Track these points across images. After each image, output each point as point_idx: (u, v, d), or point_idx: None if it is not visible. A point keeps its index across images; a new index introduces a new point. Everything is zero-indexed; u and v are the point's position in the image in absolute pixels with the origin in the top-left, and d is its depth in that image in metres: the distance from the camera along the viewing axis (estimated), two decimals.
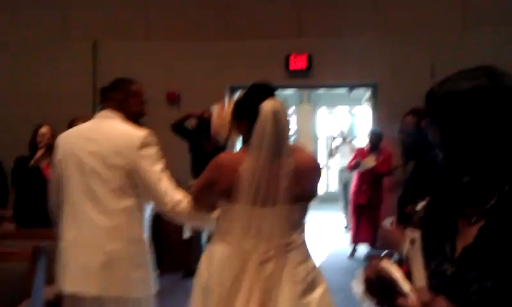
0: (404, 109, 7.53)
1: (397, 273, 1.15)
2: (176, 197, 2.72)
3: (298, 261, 2.41)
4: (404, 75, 7.58)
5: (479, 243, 1.20)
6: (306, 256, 2.47)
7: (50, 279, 3.87)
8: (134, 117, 2.93)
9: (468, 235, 1.23)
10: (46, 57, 8.15)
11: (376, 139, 7.32)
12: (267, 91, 2.45)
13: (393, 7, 7.89)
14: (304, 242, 2.49)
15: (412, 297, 1.10)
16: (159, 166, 2.76)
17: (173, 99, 7.98)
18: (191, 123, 6.54)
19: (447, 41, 7.53)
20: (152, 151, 2.77)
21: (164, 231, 5.54)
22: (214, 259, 2.43)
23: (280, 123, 2.35)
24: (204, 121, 6.31)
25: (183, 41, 8.10)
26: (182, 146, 6.51)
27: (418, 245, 1.17)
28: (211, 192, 2.48)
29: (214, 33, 8.18)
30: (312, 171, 2.48)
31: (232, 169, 2.37)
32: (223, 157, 2.53)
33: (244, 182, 2.33)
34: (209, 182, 2.48)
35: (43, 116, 6.43)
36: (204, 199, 2.58)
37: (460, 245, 1.24)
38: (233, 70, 7.99)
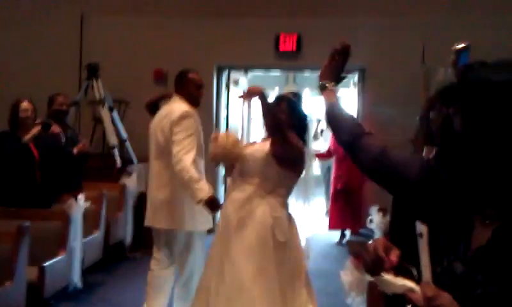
0: (394, 93, 7.57)
1: (401, 282, 1.13)
2: (181, 157, 3.56)
3: None
4: (394, 58, 7.53)
5: (490, 246, 1.16)
6: None
7: (34, 259, 3.86)
8: (192, 99, 3.89)
9: (483, 236, 1.19)
10: (32, 32, 7.99)
11: None
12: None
13: None
14: None
15: (417, 291, 1.09)
16: (183, 134, 3.63)
17: (160, 77, 7.83)
18: None
19: (438, 24, 7.44)
20: (185, 122, 3.68)
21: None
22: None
23: None
24: None
25: (171, 17, 7.99)
26: None
27: (425, 239, 1.12)
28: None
29: (204, 9, 8.05)
30: None
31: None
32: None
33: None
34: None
35: (27, 91, 6.31)
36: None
37: (474, 245, 1.20)
38: (221, 48, 7.91)
